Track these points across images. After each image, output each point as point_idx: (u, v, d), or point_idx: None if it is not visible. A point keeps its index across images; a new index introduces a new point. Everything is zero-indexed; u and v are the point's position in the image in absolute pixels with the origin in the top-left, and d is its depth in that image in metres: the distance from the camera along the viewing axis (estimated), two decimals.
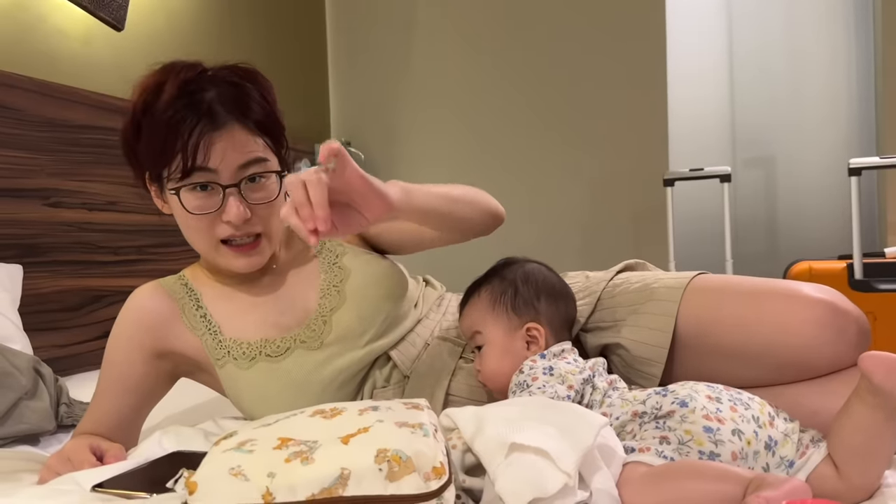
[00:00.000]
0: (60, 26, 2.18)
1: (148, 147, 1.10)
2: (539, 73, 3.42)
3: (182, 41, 2.69)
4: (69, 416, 1.46)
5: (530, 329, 1.07)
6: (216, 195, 1.09)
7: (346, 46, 3.75)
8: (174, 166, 1.07)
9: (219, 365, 1.16)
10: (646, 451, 0.85)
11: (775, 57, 3.50)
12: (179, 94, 1.07)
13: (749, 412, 0.87)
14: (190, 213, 1.09)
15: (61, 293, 2.04)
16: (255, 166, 1.11)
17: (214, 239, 1.12)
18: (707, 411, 0.86)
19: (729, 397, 0.89)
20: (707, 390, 0.90)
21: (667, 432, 0.86)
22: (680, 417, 0.87)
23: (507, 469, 0.76)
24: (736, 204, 3.45)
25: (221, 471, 0.72)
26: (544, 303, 1.09)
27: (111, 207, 2.19)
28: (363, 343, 1.17)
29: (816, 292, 1.02)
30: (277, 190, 1.14)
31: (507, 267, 1.15)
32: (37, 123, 1.99)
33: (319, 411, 0.84)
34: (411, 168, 3.65)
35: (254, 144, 1.11)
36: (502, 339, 1.08)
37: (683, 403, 0.88)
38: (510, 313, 1.09)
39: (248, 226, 1.12)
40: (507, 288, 1.11)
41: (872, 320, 2.42)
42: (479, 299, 1.13)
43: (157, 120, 1.07)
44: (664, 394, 0.91)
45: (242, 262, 1.14)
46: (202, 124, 1.06)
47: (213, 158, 1.07)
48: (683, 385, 0.93)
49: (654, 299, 1.11)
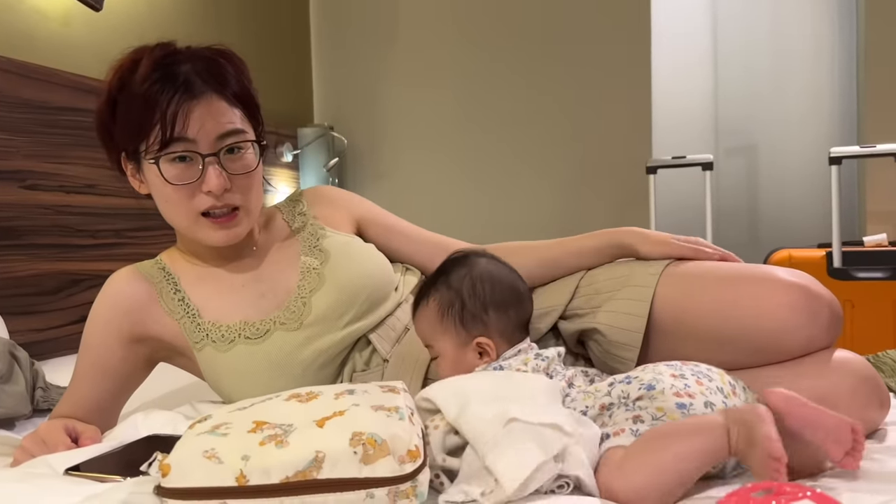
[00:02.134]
0: (39, 6, 2.14)
1: (125, 123, 1.09)
2: (524, 60, 3.41)
3: (162, 22, 2.66)
4: (45, 400, 1.45)
5: (480, 343, 1.06)
6: (195, 166, 1.09)
7: (330, 30, 3.72)
8: (152, 138, 1.07)
9: (197, 348, 1.16)
10: (620, 433, 0.85)
11: (759, 46, 3.51)
12: (155, 67, 1.07)
13: (713, 384, 0.88)
14: (169, 183, 1.09)
15: (38, 277, 2.01)
16: (233, 137, 1.11)
17: (194, 211, 1.12)
18: (676, 389, 0.87)
19: (692, 372, 0.90)
20: (669, 369, 0.91)
21: (639, 411, 0.86)
22: (649, 400, 0.87)
23: (503, 441, 0.77)
24: (718, 192, 3.47)
25: (195, 453, 0.72)
26: (493, 314, 1.06)
27: (89, 190, 2.16)
28: (342, 325, 1.17)
29: (790, 276, 1.04)
30: (256, 161, 1.15)
31: (455, 270, 1.10)
32: (14, 104, 1.96)
33: (295, 395, 0.84)
34: (395, 153, 3.64)
35: (231, 115, 1.12)
36: (453, 353, 1.07)
37: (650, 387, 0.88)
38: (458, 328, 1.06)
39: (227, 197, 1.12)
40: (455, 300, 1.07)
41: (850, 308, 2.45)
42: (427, 310, 1.09)
43: (133, 94, 1.07)
44: (628, 381, 0.91)
45: (221, 235, 1.14)
46: (179, 94, 1.06)
47: (191, 127, 1.07)
48: (644, 369, 0.93)
49: (631, 285, 1.12)
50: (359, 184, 3.66)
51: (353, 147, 3.65)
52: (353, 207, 1.34)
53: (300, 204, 1.32)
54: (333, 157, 3.43)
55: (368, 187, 3.63)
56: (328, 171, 3.41)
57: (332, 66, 3.72)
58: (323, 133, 3.44)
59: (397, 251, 1.33)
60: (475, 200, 3.49)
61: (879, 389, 1.01)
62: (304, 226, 1.27)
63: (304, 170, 3.44)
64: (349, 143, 3.61)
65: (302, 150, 3.40)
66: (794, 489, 0.65)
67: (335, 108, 3.72)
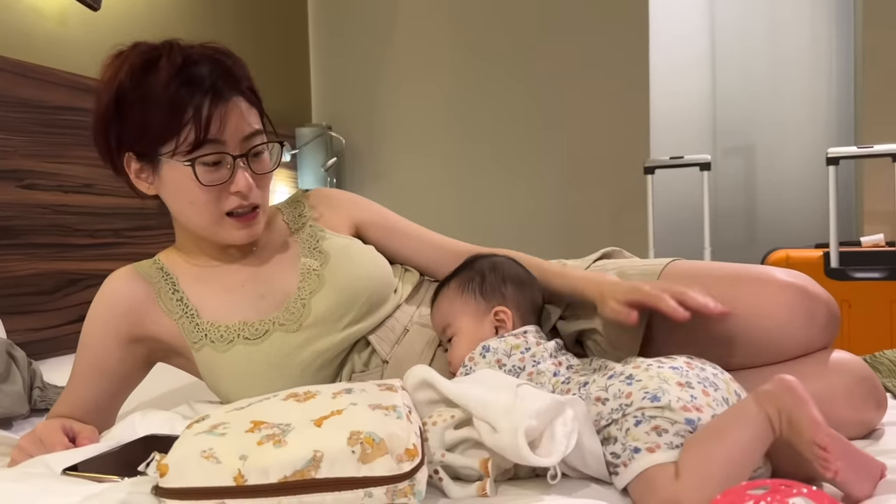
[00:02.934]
0: (36, 5, 2.14)
1: (141, 124, 1.09)
2: (522, 60, 3.42)
3: (160, 22, 2.65)
4: (43, 399, 1.45)
5: (498, 313, 1.10)
6: (224, 168, 1.11)
7: (328, 29, 3.72)
8: (182, 138, 1.08)
9: (195, 348, 1.16)
10: (655, 449, 0.80)
11: (757, 47, 3.52)
12: (177, 70, 1.08)
13: (719, 393, 0.86)
14: (203, 185, 1.10)
15: (36, 276, 2.01)
16: (257, 137, 1.15)
17: (220, 212, 1.14)
18: (683, 402, 0.82)
19: (698, 379, 0.86)
20: (675, 375, 0.86)
21: (658, 422, 0.81)
22: (657, 411, 0.82)
23: (520, 391, 0.83)
24: (716, 193, 3.47)
25: (193, 453, 0.72)
26: (511, 288, 1.12)
27: (87, 190, 2.16)
28: (342, 326, 1.17)
29: (788, 277, 1.04)
30: (274, 161, 1.18)
31: (475, 261, 1.18)
32: (11, 104, 1.95)
33: (293, 394, 0.84)
34: (393, 153, 3.64)
35: (253, 117, 1.15)
36: (472, 327, 1.10)
37: (655, 398, 0.83)
38: (478, 298, 1.12)
39: (251, 196, 1.14)
40: (475, 276, 1.14)
41: (847, 308, 2.45)
42: (447, 290, 1.16)
43: (154, 97, 1.08)
44: (629, 382, 0.87)
45: (244, 233, 1.16)
46: (210, 97, 1.08)
47: (224, 130, 1.10)
48: (648, 368, 0.89)
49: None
50: (357, 183, 3.66)
51: (352, 147, 3.65)
52: (354, 210, 1.34)
53: (301, 205, 1.32)
54: (331, 157, 3.43)
55: (366, 187, 3.63)
56: (326, 170, 3.40)
57: (330, 65, 3.72)
58: (321, 133, 3.44)
59: (399, 253, 1.33)
60: (473, 200, 3.49)
61: (876, 390, 1.01)
62: (303, 227, 1.28)
63: (302, 169, 3.44)
64: (347, 143, 3.61)
65: (300, 149, 3.40)
66: (789, 486, 0.65)
67: (333, 107, 3.72)
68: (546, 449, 0.79)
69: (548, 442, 0.80)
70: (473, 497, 0.80)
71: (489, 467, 0.80)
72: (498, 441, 0.79)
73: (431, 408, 0.88)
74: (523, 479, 0.87)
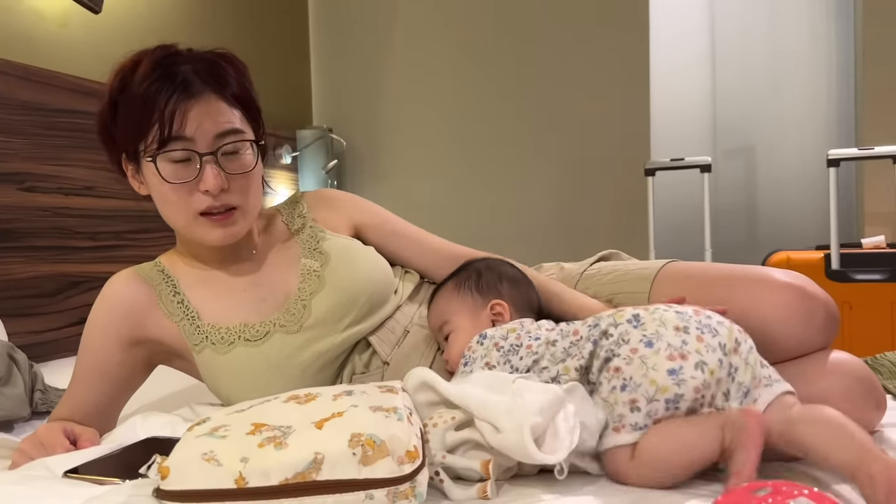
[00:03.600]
0: (37, 8, 2.14)
1: (125, 123, 1.10)
2: (522, 62, 3.42)
3: (160, 25, 2.66)
4: (44, 402, 1.45)
5: (494, 306, 1.11)
6: (193, 165, 1.09)
7: (329, 32, 3.72)
8: (151, 137, 1.07)
9: (196, 350, 1.16)
10: (620, 429, 0.85)
11: (757, 50, 3.52)
12: (155, 66, 1.08)
13: (716, 339, 0.87)
14: (167, 181, 1.09)
15: (37, 279, 2.01)
16: (231, 136, 1.11)
17: (192, 211, 1.11)
18: (672, 349, 0.86)
19: (697, 324, 0.89)
20: (676, 319, 0.89)
21: (634, 393, 0.85)
22: (640, 360, 0.86)
23: (519, 386, 0.84)
24: (716, 194, 3.48)
25: (194, 456, 0.72)
26: (507, 285, 1.14)
27: (88, 192, 2.16)
28: (342, 327, 1.17)
29: (786, 277, 1.05)
30: (254, 162, 1.15)
31: (470, 263, 1.21)
32: (12, 106, 1.96)
33: (293, 397, 0.84)
34: (394, 155, 3.64)
35: (230, 115, 1.12)
36: (468, 323, 1.11)
37: (649, 343, 0.87)
38: (475, 294, 1.13)
39: (224, 197, 1.11)
40: (471, 274, 1.17)
41: (848, 310, 2.45)
42: (444, 290, 1.18)
43: (132, 94, 1.08)
44: (635, 324, 0.90)
45: (218, 234, 1.13)
46: (178, 93, 1.07)
47: (188, 126, 1.07)
48: (655, 311, 0.92)
49: (626, 291, 1.13)
50: (357, 186, 3.66)
51: (352, 149, 3.65)
52: (354, 211, 1.34)
53: (300, 206, 1.32)
54: (332, 159, 3.44)
55: (367, 189, 3.63)
56: (327, 173, 3.41)
57: (331, 68, 3.73)
58: (322, 135, 3.44)
59: (399, 255, 1.33)
60: (474, 202, 3.49)
61: (875, 391, 1.01)
62: (303, 228, 1.28)
63: (302, 172, 3.44)
64: (348, 145, 3.61)
65: (301, 152, 3.41)
66: (790, 487, 0.65)
67: (334, 110, 3.72)
68: (550, 446, 0.80)
69: (551, 439, 0.80)
70: (474, 499, 0.80)
71: (490, 469, 0.80)
72: (503, 441, 0.79)
73: (432, 409, 0.88)
74: (526, 478, 0.87)
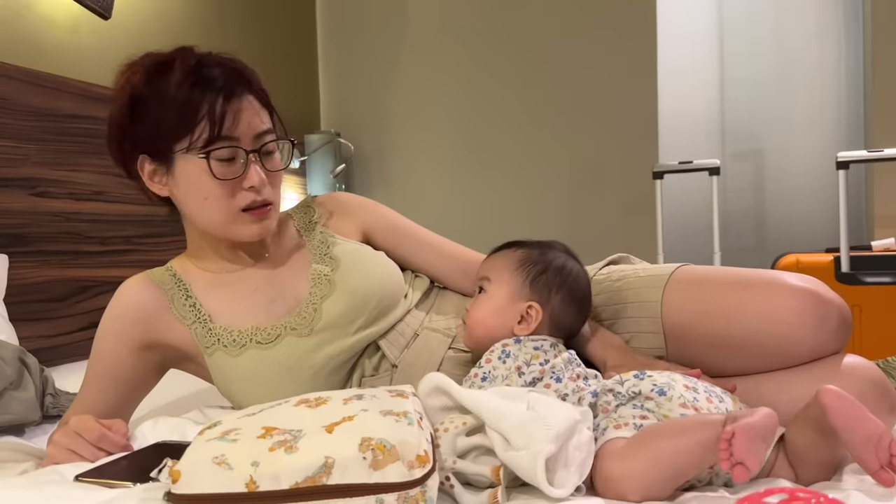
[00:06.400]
0: (47, 14, 2.16)
1: (156, 123, 1.11)
2: (530, 65, 3.42)
3: (170, 30, 2.67)
4: (55, 406, 1.46)
5: (531, 307, 1.08)
6: (238, 163, 1.13)
7: (336, 36, 3.73)
8: (196, 135, 1.10)
9: (208, 353, 1.16)
10: (623, 426, 0.86)
11: (764, 52, 3.51)
12: (191, 71, 1.11)
13: (723, 405, 0.89)
14: (216, 178, 1.11)
15: (48, 283, 2.02)
16: (268, 136, 1.17)
17: (235, 207, 1.14)
18: (684, 400, 0.87)
19: (705, 389, 0.90)
20: (683, 379, 0.91)
21: (646, 413, 0.87)
22: (655, 405, 0.88)
23: (537, 399, 0.84)
24: (725, 197, 3.46)
25: (205, 460, 0.72)
26: (560, 298, 1.10)
27: (98, 197, 2.17)
28: (353, 331, 1.17)
29: (799, 281, 1.04)
30: (284, 160, 1.21)
31: (554, 249, 1.16)
32: (23, 112, 1.97)
33: (304, 401, 0.84)
34: (402, 159, 3.64)
35: (265, 116, 1.18)
36: (502, 301, 1.10)
37: (662, 392, 0.88)
38: (525, 283, 1.10)
39: (265, 192, 1.16)
40: (539, 262, 1.12)
41: (858, 313, 2.44)
42: (511, 253, 1.15)
43: (168, 96, 1.10)
44: (641, 377, 0.92)
45: (256, 229, 1.17)
46: (223, 95, 1.11)
47: (237, 126, 1.12)
48: (662, 372, 0.94)
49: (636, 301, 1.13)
50: (366, 190, 3.67)
51: (360, 153, 3.66)
52: (365, 215, 1.35)
53: (312, 211, 1.33)
54: (340, 164, 3.44)
55: (375, 193, 3.63)
56: (335, 177, 3.41)
57: (339, 72, 3.74)
58: (330, 139, 3.45)
59: (410, 259, 1.33)
60: (482, 206, 3.49)
61: (888, 394, 1.00)
62: (314, 233, 1.29)
63: (310, 176, 3.44)
64: (356, 150, 3.61)
65: (309, 156, 3.41)
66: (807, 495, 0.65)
67: (342, 114, 3.73)
68: (561, 478, 0.80)
69: (562, 469, 0.80)
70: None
71: (501, 475, 0.80)
72: (514, 459, 0.79)
73: (444, 414, 0.88)
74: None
